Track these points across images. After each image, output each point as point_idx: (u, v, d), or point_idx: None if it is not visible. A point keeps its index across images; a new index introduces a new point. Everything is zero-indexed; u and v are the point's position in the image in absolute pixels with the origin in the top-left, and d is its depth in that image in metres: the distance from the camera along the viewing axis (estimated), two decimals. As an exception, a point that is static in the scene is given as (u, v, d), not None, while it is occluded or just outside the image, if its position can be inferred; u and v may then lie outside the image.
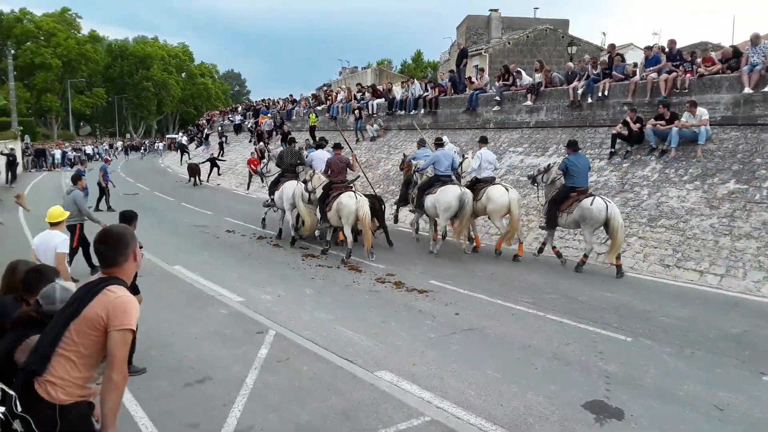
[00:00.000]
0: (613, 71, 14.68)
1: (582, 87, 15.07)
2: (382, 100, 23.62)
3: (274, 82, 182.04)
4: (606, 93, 14.49)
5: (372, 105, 23.81)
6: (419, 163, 12.43)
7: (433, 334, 7.22)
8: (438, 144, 12.19)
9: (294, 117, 31.51)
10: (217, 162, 29.19)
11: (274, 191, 13.61)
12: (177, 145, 45.06)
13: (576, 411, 5.19)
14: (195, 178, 27.29)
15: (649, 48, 14.65)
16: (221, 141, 35.50)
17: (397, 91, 23.37)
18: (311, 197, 12.15)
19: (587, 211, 9.98)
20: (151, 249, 10.89)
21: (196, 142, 45.76)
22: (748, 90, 11.70)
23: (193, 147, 44.13)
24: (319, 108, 28.89)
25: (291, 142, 14.63)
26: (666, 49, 13.95)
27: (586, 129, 14.99)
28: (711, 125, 12.00)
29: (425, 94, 21.11)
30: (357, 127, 23.89)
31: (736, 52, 12.75)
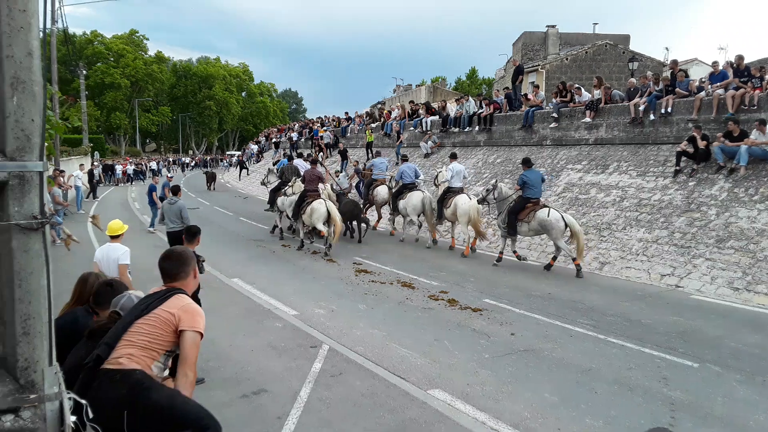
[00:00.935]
0: (677, 88, 14.20)
1: (644, 103, 14.64)
2: (436, 117, 23.64)
3: (329, 100, 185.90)
4: (669, 110, 14.01)
5: (426, 122, 23.85)
6: (393, 174, 16.68)
7: (488, 354, 7.08)
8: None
9: (349, 134, 31.93)
10: (246, 165, 41.41)
11: (275, 198, 16.61)
12: (236, 161, 47.08)
13: (639, 440, 4.96)
14: (212, 183, 34.20)
15: (716, 63, 14.10)
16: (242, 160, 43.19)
17: (452, 108, 23.34)
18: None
19: (548, 222, 11.25)
20: (211, 262, 11.20)
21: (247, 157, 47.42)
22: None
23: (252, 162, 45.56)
24: (374, 125, 29.17)
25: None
26: (734, 65, 13.39)
27: (648, 146, 14.52)
28: (784, 142, 11.40)
29: (480, 111, 20.99)
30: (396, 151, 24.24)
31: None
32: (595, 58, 35.36)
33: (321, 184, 14.32)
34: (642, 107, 14.68)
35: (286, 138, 41.72)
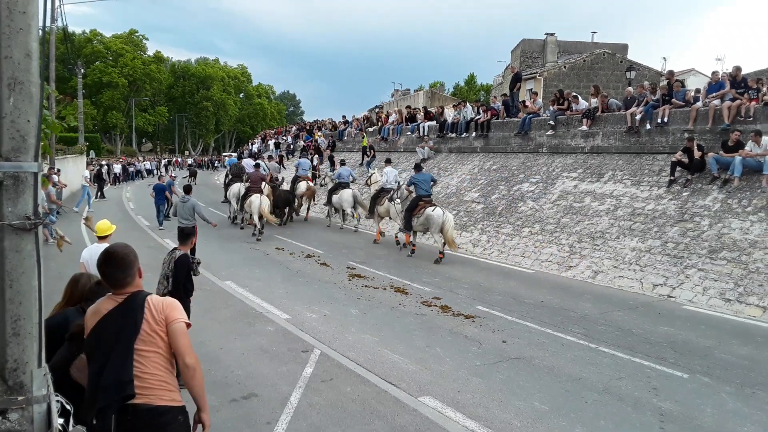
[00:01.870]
0: (673, 98, 14.28)
1: (640, 113, 14.71)
2: (433, 122, 23.68)
3: (327, 103, 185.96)
4: (666, 119, 14.09)
5: (423, 127, 23.89)
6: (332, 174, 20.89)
7: (479, 361, 7.09)
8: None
9: (346, 137, 31.95)
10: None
11: (227, 191, 21.23)
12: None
13: (628, 450, 4.98)
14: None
15: (715, 74, 14.20)
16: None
17: (449, 114, 23.38)
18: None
19: (430, 217, 13.10)
20: (204, 264, 11.07)
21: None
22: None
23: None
24: (371, 129, 29.19)
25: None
26: (731, 76, 13.48)
27: (643, 156, 14.59)
28: (778, 155, 11.47)
29: (477, 117, 21.05)
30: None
31: (806, 79, 12.20)
32: (593, 66, 35.51)
33: (264, 182, 18.03)
34: (638, 116, 14.75)
35: (263, 145, 42.74)
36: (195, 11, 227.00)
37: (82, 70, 42.53)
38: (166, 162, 59.78)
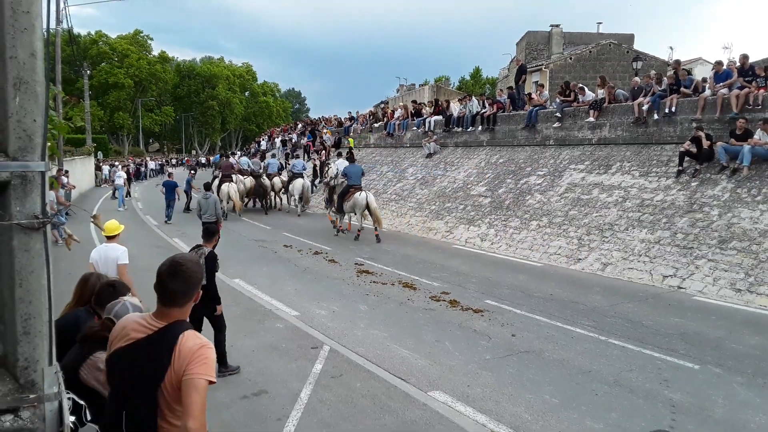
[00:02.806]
0: (681, 86, 14.16)
1: (647, 103, 14.61)
2: (440, 117, 23.62)
3: (332, 99, 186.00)
4: (674, 109, 13.98)
5: (429, 122, 23.84)
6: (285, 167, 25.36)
7: (489, 355, 7.08)
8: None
9: (352, 134, 31.94)
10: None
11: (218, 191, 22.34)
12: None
13: (639, 441, 4.96)
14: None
15: (720, 63, 14.07)
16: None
17: (455, 108, 23.31)
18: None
19: (356, 200, 15.66)
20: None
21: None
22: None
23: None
24: (377, 125, 29.16)
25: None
26: (738, 65, 13.35)
27: (651, 146, 14.49)
28: (788, 143, 11.37)
29: (483, 110, 20.98)
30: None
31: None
32: (599, 57, 35.27)
33: (235, 172, 21.81)
34: (646, 107, 14.64)
35: (269, 143, 43.19)
36: (199, 11, 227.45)
37: (88, 71, 42.73)
38: (165, 162, 60.17)
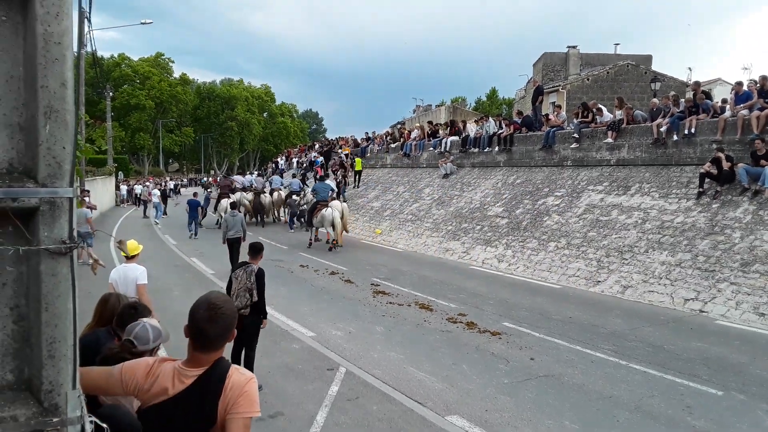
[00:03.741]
0: (700, 109, 14.07)
1: (666, 124, 14.52)
2: (456, 137, 23.68)
3: (349, 120, 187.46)
4: (693, 130, 13.87)
5: (446, 142, 23.90)
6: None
7: (507, 379, 7.00)
8: (293, 176, 25.70)
9: (369, 154, 32.11)
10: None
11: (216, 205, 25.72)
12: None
13: (662, 470, 4.85)
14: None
15: (740, 84, 13.97)
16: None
17: (471, 128, 23.36)
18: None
19: (323, 215, 17.75)
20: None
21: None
22: None
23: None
24: (393, 145, 29.30)
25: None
26: (758, 86, 13.25)
27: (671, 167, 14.36)
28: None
29: (500, 131, 21.00)
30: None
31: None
32: (617, 78, 35.19)
33: (230, 190, 25.41)
34: (665, 128, 14.54)
35: (287, 163, 43.99)
36: (220, 34, 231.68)
37: (110, 93, 43.58)
38: (179, 183, 61.55)
